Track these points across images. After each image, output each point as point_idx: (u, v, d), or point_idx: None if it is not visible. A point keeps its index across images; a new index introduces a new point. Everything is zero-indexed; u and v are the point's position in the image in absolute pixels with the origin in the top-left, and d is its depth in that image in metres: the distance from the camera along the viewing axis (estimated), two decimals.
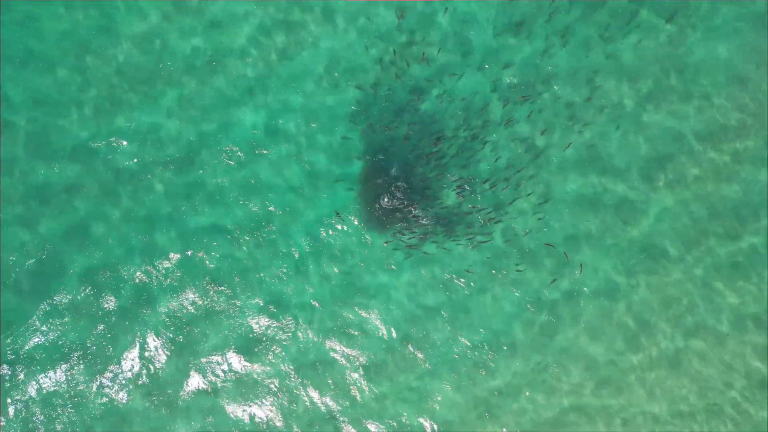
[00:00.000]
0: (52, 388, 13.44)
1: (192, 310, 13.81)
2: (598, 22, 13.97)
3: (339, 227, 13.98)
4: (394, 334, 13.97)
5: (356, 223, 13.98)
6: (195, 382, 13.73)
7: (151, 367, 13.68)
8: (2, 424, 13.22)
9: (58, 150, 13.68)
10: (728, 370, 13.97)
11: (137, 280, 13.73)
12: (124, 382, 13.61)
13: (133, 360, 13.66)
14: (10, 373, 13.41)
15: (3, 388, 13.37)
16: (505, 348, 13.91)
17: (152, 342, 13.72)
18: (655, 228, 14.04)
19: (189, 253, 13.81)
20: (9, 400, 13.35)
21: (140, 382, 13.64)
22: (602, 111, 13.99)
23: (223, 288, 13.86)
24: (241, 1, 13.95)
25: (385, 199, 13.92)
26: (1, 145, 13.55)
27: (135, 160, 13.83)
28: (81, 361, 13.55)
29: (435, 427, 13.83)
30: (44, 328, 13.53)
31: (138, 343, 13.71)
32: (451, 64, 13.96)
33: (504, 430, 13.85)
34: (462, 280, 13.94)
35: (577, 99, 13.99)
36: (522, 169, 13.92)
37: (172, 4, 13.87)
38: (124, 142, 13.78)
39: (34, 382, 13.43)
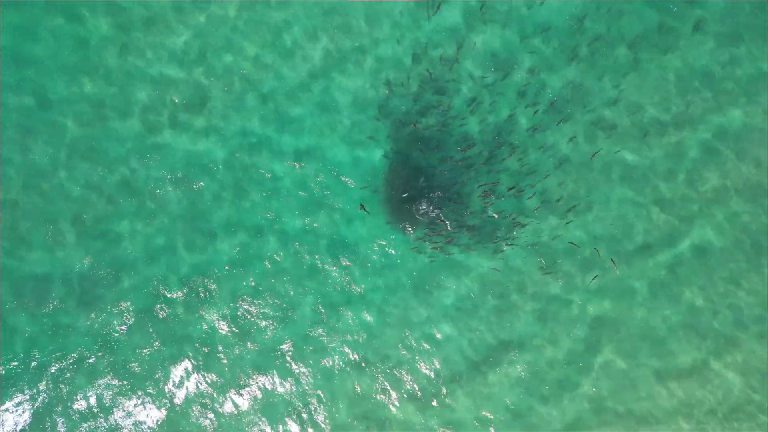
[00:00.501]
0: (89, 400, 13.69)
1: (231, 326, 13.99)
2: (627, 30, 13.97)
3: (379, 246, 14.06)
4: (424, 343, 14.12)
5: (388, 232, 14.10)
6: (236, 397, 13.93)
7: (190, 381, 13.87)
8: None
9: (102, 157, 13.82)
10: (756, 374, 14.12)
11: (174, 294, 13.89)
12: (159, 395, 13.81)
13: (170, 375, 13.84)
14: (49, 385, 13.64)
15: (49, 401, 13.66)
16: (532, 352, 14.06)
17: (191, 357, 13.88)
18: (684, 240, 14.11)
19: (227, 268, 13.96)
20: (53, 410, 13.63)
21: (177, 396, 13.86)
22: (631, 116, 14.00)
23: (260, 303, 13.99)
24: (272, 12, 13.99)
25: (422, 206, 13.97)
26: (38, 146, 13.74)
27: (179, 175, 13.97)
28: (119, 375, 13.76)
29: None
30: (84, 342, 13.71)
31: (177, 359, 13.87)
32: (480, 68, 13.99)
33: None
34: (488, 285, 14.04)
35: (605, 106, 14.00)
36: (548, 176, 13.97)
37: (205, 20, 13.96)
38: (159, 156, 13.90)
39: (72, 393, 13.68)
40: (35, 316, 13.57)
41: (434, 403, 13.94)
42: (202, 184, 13.95)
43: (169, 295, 13.85)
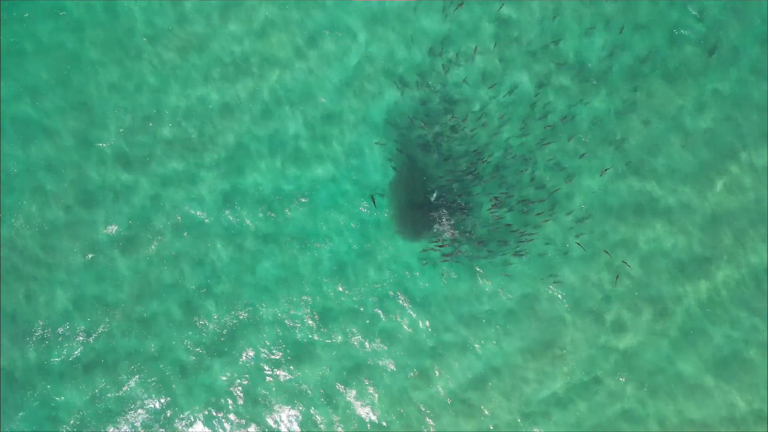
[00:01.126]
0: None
1: (271, 358, 14.22)
2: (639, 47, 13.96)
3: (392, 260, 14.18)
4: (441, 353, 14.19)
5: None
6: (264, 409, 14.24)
7: (219, 401, 14.18)
8: None
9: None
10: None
11: (204, 331, 14.18)
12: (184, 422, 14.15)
13: (201, 402, 14.16)
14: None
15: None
16: (550, 357, 14.06)
17: (222, 381, 14.17)
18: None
19: (262, 304, 14.20)
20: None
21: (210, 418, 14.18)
22: (641, 131, 13.95)
23: (285, 322, 14.19)
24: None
25: (431, 216, 13.97)
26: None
27: (203, 192, 14.25)
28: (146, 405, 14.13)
29: None
30: (122, 376, 14.14)
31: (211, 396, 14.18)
32: (491, 79, 14.06)
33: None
34: (498, 297, 14.07)
35: (615, 121, 13.98)
36: (557, 190, 14.00)
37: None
38: (183, 172, 14.27)
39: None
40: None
41: (458, 407, 14.05)
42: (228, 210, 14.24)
43: (198, 321, 14.13)
